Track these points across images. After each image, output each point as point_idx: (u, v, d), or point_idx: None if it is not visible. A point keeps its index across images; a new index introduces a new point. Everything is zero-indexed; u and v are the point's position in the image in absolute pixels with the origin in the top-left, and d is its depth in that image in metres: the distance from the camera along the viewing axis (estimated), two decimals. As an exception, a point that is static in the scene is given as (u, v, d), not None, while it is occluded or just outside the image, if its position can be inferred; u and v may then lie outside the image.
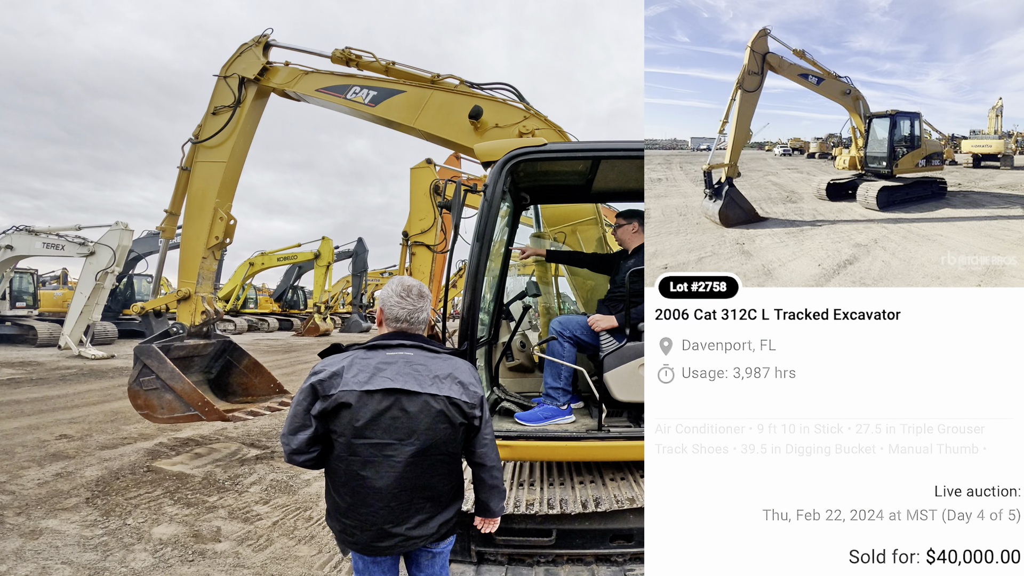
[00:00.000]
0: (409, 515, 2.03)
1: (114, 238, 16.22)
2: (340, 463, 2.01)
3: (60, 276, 25.11)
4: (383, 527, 2.00)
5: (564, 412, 3.71)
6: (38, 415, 8.71)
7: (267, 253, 29.97)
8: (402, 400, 1.98)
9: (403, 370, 2.02)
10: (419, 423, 1.99)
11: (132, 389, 6.20)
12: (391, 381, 1.98)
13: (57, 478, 5.72)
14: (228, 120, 6.59)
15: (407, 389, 1.99)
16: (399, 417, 1.97)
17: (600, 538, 3.23)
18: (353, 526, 2.02)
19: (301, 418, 2.01)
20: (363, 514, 1.99)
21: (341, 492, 2.03)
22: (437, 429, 2.01)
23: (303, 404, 2.02)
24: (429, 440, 2.00)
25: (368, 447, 1.96)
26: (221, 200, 6.69)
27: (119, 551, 4.19)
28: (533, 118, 5.08)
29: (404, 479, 1.99)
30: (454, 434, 2.06)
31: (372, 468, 1.97)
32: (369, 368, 2.01)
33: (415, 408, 1.99)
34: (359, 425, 1.95)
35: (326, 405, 1.97)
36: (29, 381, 11.98)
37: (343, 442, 1.98)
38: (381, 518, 1.99)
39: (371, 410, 1.96)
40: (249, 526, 4.75)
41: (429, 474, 2.04)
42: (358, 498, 1.99)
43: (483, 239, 3.36)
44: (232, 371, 7.36)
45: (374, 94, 5.98)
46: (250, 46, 6.72)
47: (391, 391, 1.97)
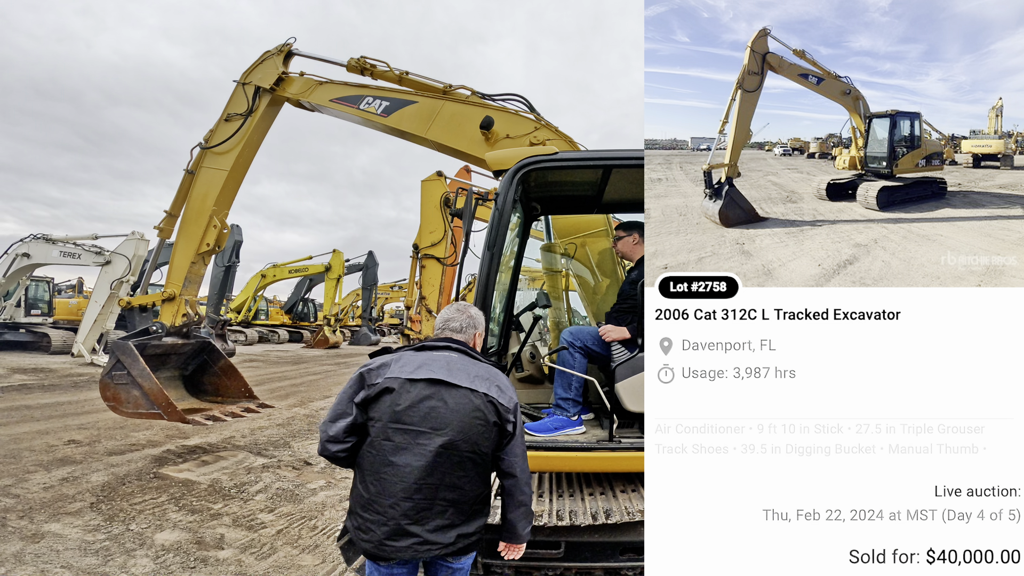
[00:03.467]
0: (430, 515, 2.01)
1: (130, 248, 16.38)
2: (372, 450, 2.05)
3: (76, 285, 25.37)
4: (401, 523, 1.98)
5: (574, 423, 3.68)
6: (48, 420, 8.77)
7: (279, 265, 30.25)
8: (443, 391, 2.05)
9: (447, 366, 2.11)
10: (456, 415, 2.03)
11: (103, 381, 6.36)
12: (434, 373, 2.07)
13: (63, 482, 5.74)
14: (239, 128, 6.68)
15: (449, 381, 2.06)
16: (438, 407, 2.03)
17: (610, 551, 3.17)
18: (371, 521, 2.01)
19: (344, 405, 2.10)
20: (384, 506, 1.99)
21: (368, 481, 2.04)
22: (472, 424, 2.05)
23: (348, 392, 2.11)
24: (462, 434, 2.03)
25: (403, 432, 2.01)
26: (219, 208, 6.76)
27: (120, 556, 4.19)
28: (544, 129, 5.10)
29: (432, 470, 2.00)
30: (487, 432, 2.09)
31: (403, 455, 2.00)
32: (415, 362, 2.12)
33: (454, 401, 2.04)
34: (398, 410, 2.01)
35: (369, 392, 2.05)
36: (41, 387, 12.08)
37: (379, 427, 2.03)
38: (401, 511, 1.98)
39: (412, 396, 2.03)
40: (253, 534, 4.73)
41: (457, 471, 2.04)
42: (383, 487, 2.00)
43: (494, 248, 3.35)
44: (207, 371, 7.49)
45: (387, 105, 6.04)
46: (272, 54, 6.82)
47: (433, 381, 2.06)
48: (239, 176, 6.97)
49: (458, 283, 3.88)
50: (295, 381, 15.50)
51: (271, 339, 31.85)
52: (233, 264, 24.31)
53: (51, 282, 22.19)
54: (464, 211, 3.55)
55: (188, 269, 6.78)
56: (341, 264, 29.71)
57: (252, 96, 6.73)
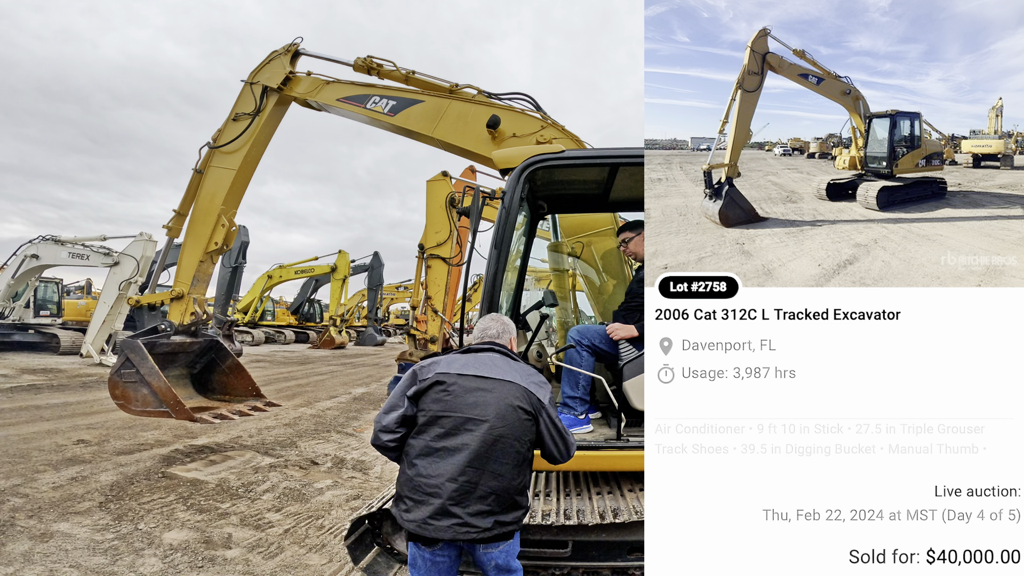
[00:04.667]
0: (472, 499, 2.14)
1: (138, 249, 16.48)
2: (422, 436, 2.24)
3: (84, 286, 25.52)
4: (445, 504, 2.12)
5: (582, 422, 3.68)
6: (57, 420, 8.83)
7: (285, 266, 30.35)
8: (488, 384, 2.28)
9: (491, 364, 2.38)
10: (499, 405, 2.23)
11: (112, 379, 6.41)
12: (479, 369, 2.33)
13: (72, 482, 5.78)
14: (247, 127, 6.72)
15: (493, 376, 2.31)
16: (484, 398, 2.24)
17: (617, 550, 3.16)
18: (417, 502, 2.16)
19: (397, 398, 2.34)
20: (431, 487, 2.14)
21: (417, 464, 2.21)
22: (514, 413, 2.25)
23: (402, 386, 2.35)
24: (505, 422, 2.22)
25: (451, 420, 2.21)
26: (227, 207, 6.81)
27: (129, 555, 4.22)
28: (550, 128, 5.10)
29: (477, 455, 2.16)
30: (528, 422, 2.29)
31: (451, 439, 2.19)
32: (462, 360, 2.39)
33: (498, 392, 2.27)
34: (448, 399, 2.24)
35: (420, 385, 2.30)
36: (50, 387, 12.16)
37: (430, 416, 2.24)
38: (446, 492, 2.12)
39: (460, 388, 2.26)
40: (260, 533, 4.75)
41: (500, 459, 2.20)
42: (431, 469, 2.17)
43: (501, 246, 3.36)
44: (215, 369, 7.54)
45: (393, 104, 6.05)
46: (280, 54, 6.85)
47: (479, 376, 2.30)
48: (247, 175, 7.01)
49: (465, 283, 3.87)
50: (301, 381, 15.55)
51: (277, 340, 31.96)
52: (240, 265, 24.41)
53: (60, 283, 22.33)
54: (471, 210, 3.55)
55: (196, 268, 6.83)
56: (347, 265, 29.77)
57: (259, 96, 6.77)
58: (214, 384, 7.54)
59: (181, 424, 8.55)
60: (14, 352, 18.85)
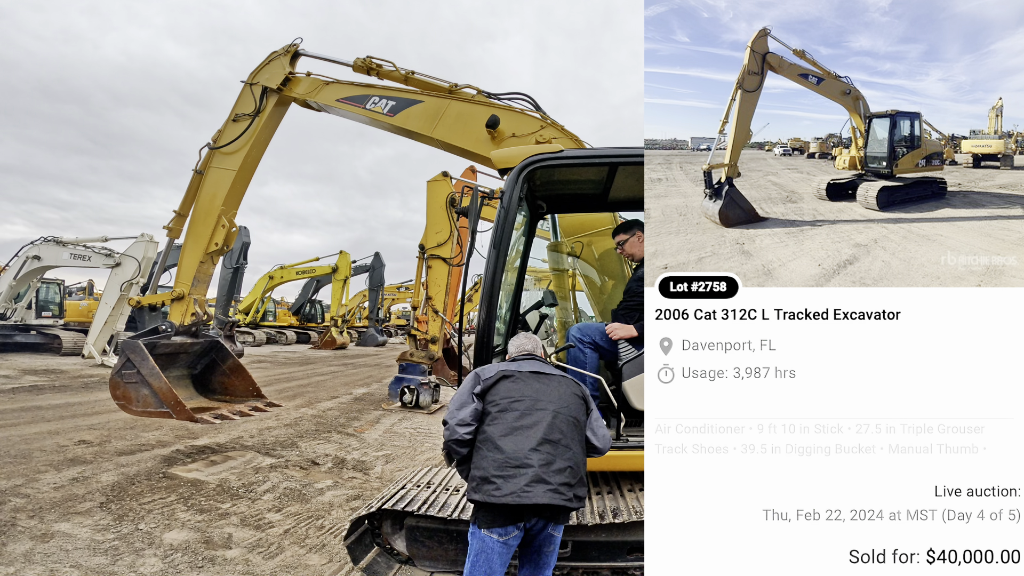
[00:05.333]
0: (556, 469, 2.35)
1: (139, 250, 16.48)
2: (499, 422, 2.48)
3: (86, 287, 25.55)
4: (538, 471, 2.31)
5: None
6: (59, 421, 8.83)
7: (286, 267, 30.36)
8: (544, 378, 2.64)
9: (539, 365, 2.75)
10: (557, 391, 2.59)
11: (113, 379, 6.40)
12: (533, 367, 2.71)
13: (73, 482, 5.78)
14: (247, 128, 6.72)
15: (546, 372, 2.70)
16: (544, 387, 2.59)
17: (617, 550, 3.17)
18: (508, 476, 2.32)
19: (465, 396, 2.60)
20: (520, 459, 2.34)
21: (499, 445, 2.40)
22: (570, 397, 2.61)
23: (467, 386, 2.64)
24: (564, 403, 2.56)
25: (524, 403, 2.50)
26: (227, 207, 6.81)
27: (129, 555, 4.22)
28: (550, 127, 5.09)
29: (551, 428, 2.43)
30: (581, 405, 2.64)
31: (527, 418, 2.45)
32: (515, 364, 2.76)
33: (553, 383, 2.63)
34: (515, 388, 2.56)
35: (487, 383, 2.60)
36: (52, 388, 12.17)
37: (503, 403, 2.52)
38: (536, 461, 2.33)
39: (523, 379, 2.60)
40: (261, 533, 4.75)
41: (569, 433, 2.48)
42: (516, 444, 2.38)
43: (500, 246, 3.35)
44: (215, 370, 7.53)
45: (393, 104, 6.05)
46: (279, 55, 6.85)
47: (535, 372, 2.67)
48: (247, 176, 7.01)
49: (464, 283, 3.87)
50: (303, 382, 15.55)
51: (279, 340, 31.96)
52: (241, 266, 24.42)
53: (62, 284, 22.34)
54: (470, 210, 3.54)
55: (197, 268, 6.83)
56: (348, 265, 29.77)
57: (259, 96, 6.77)
58: (215, 384, 7.53)
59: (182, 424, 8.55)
60: (16, 353, 18.86)
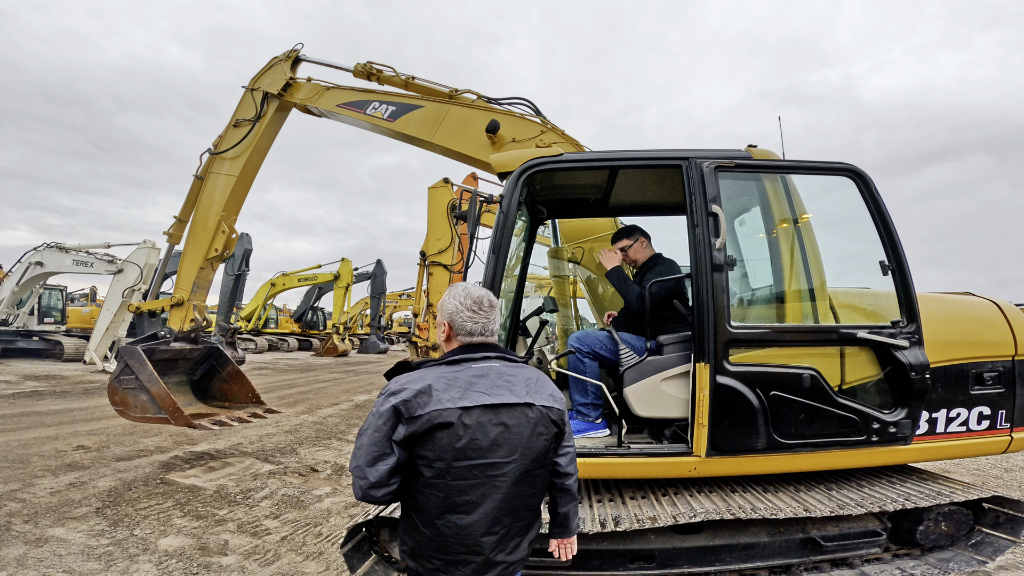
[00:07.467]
0: (511, 539, 1.86)
1: (142, 256, 16.55)
2: (434, 491, 1.80)
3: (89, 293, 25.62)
4: (489, 556, 1.81)
5: (598, 426, 3.63)
6: (58, 426, 8.81)
7: (288, 274, 30.52)
8: (501, 414, 1.82)
9: (496, 383, 1.88)
10: (520, 437, 1.84)
11: (112, 385, 6.40)
12: (487, 396, 1.83)
13: (69, 488, 5.74)
14: (247, 133, 6.73)
15: (505, 403, 1.84)
16: (501, 433, 1.81)
17: (619, 559, 3.11)
18: (454, 562, 1.81)
19: (381, 445, 1.79)
20: (468, 545, 1.80)
21: (437, 525, 1.81)
22: (537, 441, 1.88)
23: (383, 430, 1.80)
24: (531, 454, 1.87)
25: (472, 469, 1.78)
26: (227, 213, 6.83)
27: (123, 561, 4.16)
28: (550, 132, 5.07)
29: (509, 500, 1.83)
30: (549, 444, 1.94)
31: (477, 491, 1.79)
32: (459, 383, 1.84)
33: (514, 421, 1.84)
34: (460, 445, 1.76)
35: (415, 428, 1.77)
36: (52, 394, 12.17)
37: (440, 467, 1.78)
38: (488, 546, 1.81)
39: (472, 428, 1.78)
40: (257, 540, 4.69)
41: (530, 492, 1.90)
42: (462, 526, 1.79)
43: (499, 252, 3.27)
44: (215, 376, 7.56)
45: (393, 109, 6.06)
46: (280, 60, 6.90)
47: (489, 407, 1.81)
48: (248, 181, 7.02)
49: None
50: (303, 389, 15.52)
51: (280, 347, 32.03)
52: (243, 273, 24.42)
53: (64, 290, 22.43)
54: (468, 214, 3.50)
55: (197, 274, 6.84)
56: (350, 273, 29.90)
57: (260, 102, 6.80)
58: (214, 391, 7.54)
59: (181, 430, 8.54)
60: (18, 359, 18.95)
